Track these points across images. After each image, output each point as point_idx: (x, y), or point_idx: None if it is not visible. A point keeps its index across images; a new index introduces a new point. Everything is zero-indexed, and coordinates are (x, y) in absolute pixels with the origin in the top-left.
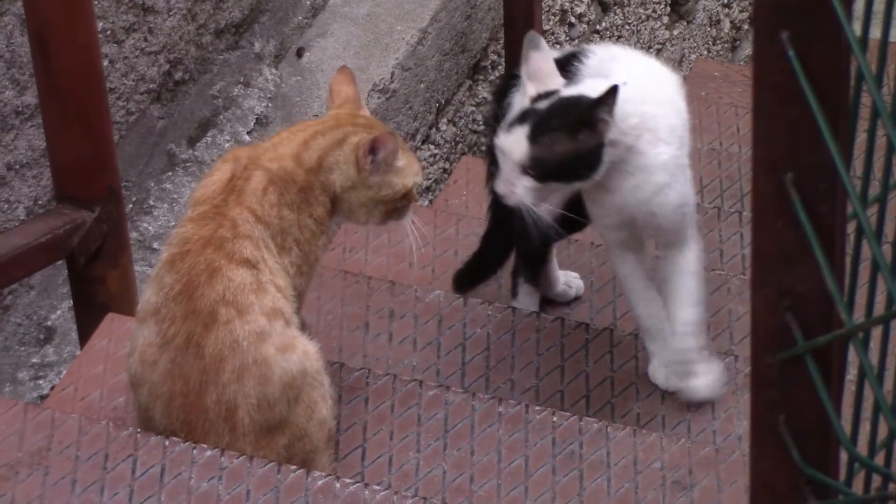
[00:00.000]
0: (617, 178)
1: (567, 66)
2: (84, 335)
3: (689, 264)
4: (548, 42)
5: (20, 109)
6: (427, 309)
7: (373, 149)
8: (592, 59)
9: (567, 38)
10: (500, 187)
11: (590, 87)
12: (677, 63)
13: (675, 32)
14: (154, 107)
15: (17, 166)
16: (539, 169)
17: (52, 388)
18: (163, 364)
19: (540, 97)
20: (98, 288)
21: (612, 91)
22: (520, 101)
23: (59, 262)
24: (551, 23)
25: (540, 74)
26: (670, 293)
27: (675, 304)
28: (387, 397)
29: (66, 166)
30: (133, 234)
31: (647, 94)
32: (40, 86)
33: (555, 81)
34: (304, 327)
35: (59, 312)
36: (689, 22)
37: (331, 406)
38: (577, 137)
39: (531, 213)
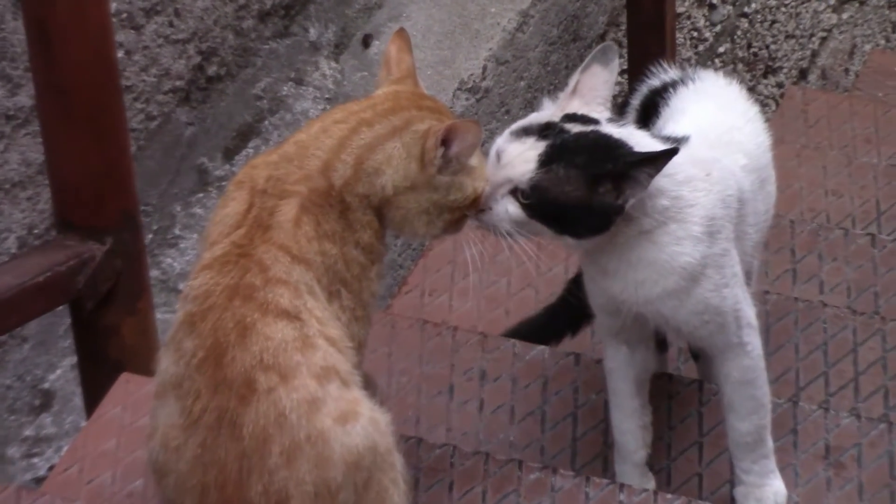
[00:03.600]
0: (617, 261)
1: (659, 95)
2: (92, 400)
3: (734, 373)
4: (682, 28)
5: (12, 113)
6: (528, 369)
7: (445, 140)
8: (682, 92)
9: (707, 24)
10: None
11: (637, 135)
12: (847, 55)
13: (845, 16)
14: (181, 110)
15: (8, 185)
16: (534, 199)
17: (51, 468)
18: (190, 449)
19: (574, 118)
20: (110, 340)
21: (669, 153)
22: (547, 108)
23: (61, 307)
24: (686, 3)
25: (588, 93)
26: (722, 397)
27: (727, 412)
28: (477, 482)
29: (70, 186)
30: (154, 272)
31: (695, 172)
32: (38, 83)
33: (599, 111)
34: (369, 387)
35: (59, 371)
36: (862, 3)
37: (404, 493)
38: (596, 188)
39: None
